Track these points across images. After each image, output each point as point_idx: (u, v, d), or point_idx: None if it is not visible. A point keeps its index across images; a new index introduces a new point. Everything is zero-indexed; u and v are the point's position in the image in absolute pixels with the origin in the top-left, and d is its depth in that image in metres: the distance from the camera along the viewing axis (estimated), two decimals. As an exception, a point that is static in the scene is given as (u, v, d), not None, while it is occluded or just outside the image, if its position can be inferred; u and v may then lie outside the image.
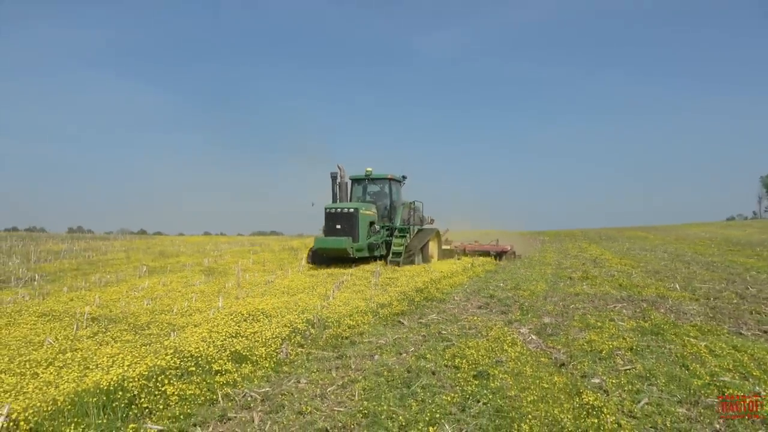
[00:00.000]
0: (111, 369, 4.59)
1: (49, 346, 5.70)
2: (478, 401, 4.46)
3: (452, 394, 4.60)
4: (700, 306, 8.95)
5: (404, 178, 18.30)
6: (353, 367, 5.53)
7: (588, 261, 18.10)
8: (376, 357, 5.91)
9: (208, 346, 5.34)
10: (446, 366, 5.48)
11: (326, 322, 7.00)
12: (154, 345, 5.57)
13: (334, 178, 16.25)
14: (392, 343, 6.55)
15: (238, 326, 6.37)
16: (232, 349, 5.41)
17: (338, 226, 14.76)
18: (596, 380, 5.06)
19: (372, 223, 16.08)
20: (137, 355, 5.06)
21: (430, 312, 8.73)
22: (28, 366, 4.87)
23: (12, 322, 7.08)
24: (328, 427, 3.96)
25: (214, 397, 4.55)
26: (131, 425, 3.82)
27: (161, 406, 4.21)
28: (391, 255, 15.82)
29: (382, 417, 4.09)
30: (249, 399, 4.56)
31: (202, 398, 4.49)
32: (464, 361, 5.51)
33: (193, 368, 4.82)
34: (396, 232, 16.67)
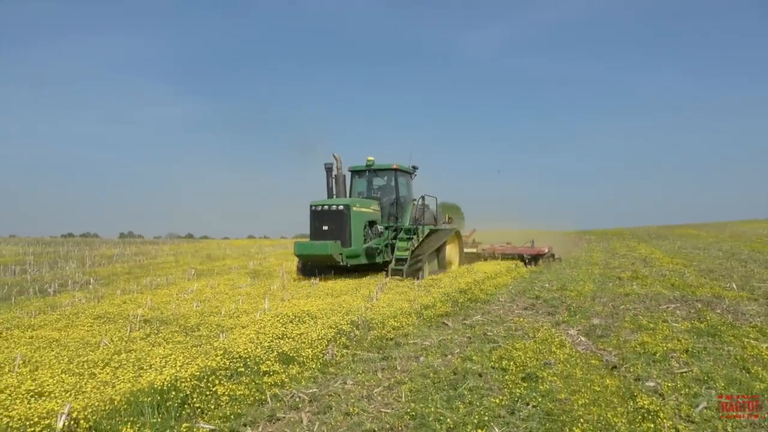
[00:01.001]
0: (164, 369, 4.72)
1: (105, 347, 5.90)
2: (528, 404, 4.38)
3: (500, 397, 4.53)
4: (760, 306, 8.55)
5: (415, 169, 15.65)
6: (399, 368, 5.52)
7: (637, 260, 17.56)
8: (422, 358, 5.88)
9: (256, 348, 5.42)
10: (493, 368, 5.40)
11: (371, 324, 7.02)
12: (204, 346, 5.70)
13: (329, 169, 13.68)
14: (437, 344, 6.51)
15: (285, 328, 6.45)
16: (279, 351, 5.49)
17: (325, 228, 12.34)
18: (651, 383, 4.89)
19: (372, 223, 13.56)
20: (188, 356, 5.19)
21: (475, 313, 8.64)
22: (86, 366, 5.06)
23: (70, 324, 7.38)
24: (376, 429, 3.96)
25: (263, 397, 4.62)
26: (185, 424, 3.92)
27: (212, 406, 4.30)
28: (393, 262, 13.09)
29: (430, 419, 4.06)
30: (297, 400, 4.60)
31: (252, 398, 4.56)
32: (512, 363, 5.42)
33: (242, 369, 4.90)
34: (400, 233, 13.91)
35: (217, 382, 4.55)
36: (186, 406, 4.24)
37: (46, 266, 17.96)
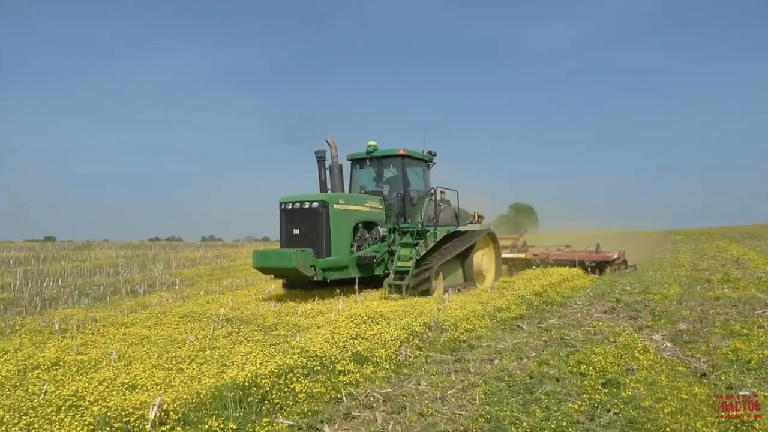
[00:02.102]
0: (245, 366, 4.92)
1: (190, 344, 6.23)
2: (608, 410, 4.22)
3: (579, 402, 4.39)
4: None
5: (432, 155, 12.57)
6: (473, 371, 5.47)
7: (729, 262, 16.43)
8: (496, 361, 5.80)
9: (331, 347, 5.54)
10: (571, 373, 5.24)
11: (443, 326, 6.99)
12: (282, 345, 5.89)
13: (320, 158, 11.26)
14: (512, 347, 6.39)
15: (358, 328, 6.55)
16: (354, 350, 5.58)
17: (296, 232, 9.72)
18: (744, 392, 4.57)
19: (371, 225, 10.97)
20: (267, 354, 5.38)
21: (551, 316, 8.41)
22: (174, 362, 5.36)
23: (159, 323, 7.85)
24: (450, 430, 3.95)
25: (339, 395, 4.71)
26: (265, 419, 4.07)
27: (291, 403, 4.44)
28: (392, 274, 10.08)
29: (505, 422, 4.00)
30: (371, 399, 4.66)
31: (328, 396, 4.67)
32: (591, 368, 5.23)
33: (318, 367, 5.03)
34: (402, 237, 10.92)
35: (294, 379, 4.69)
36: (266, 401, 4.40)
37: (137, 268, 19.17)
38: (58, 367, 5.32)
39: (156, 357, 5.58)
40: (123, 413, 3.78)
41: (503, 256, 14.96)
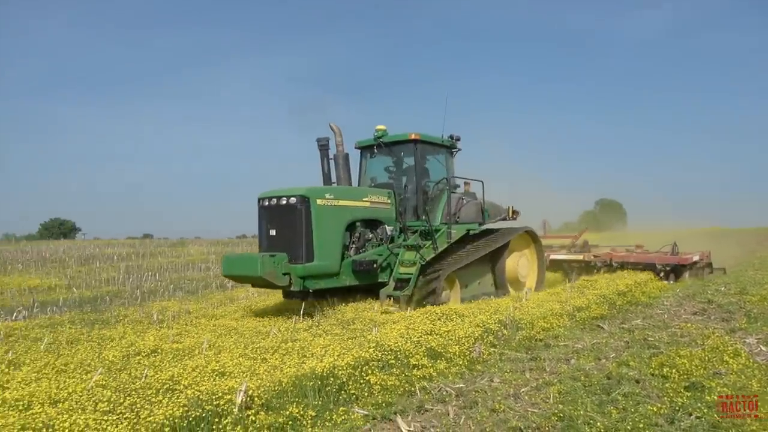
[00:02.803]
0: (324, 358, 5.16)
1: (274, 336, 6.58)
2: (690, 414, 4.07)
3: (659, 405, 4.26)
4: None
5: (455, 140, 10.59)
6: (548, 369, 5.42)
7: (841, 262, 15.01)
8: (572, 361, 5.71)
9: (406, 342, 5.67)
10: (652, 375, 5.07)
11: (519, 324, 6.94)
12: (359, 339, 6.10)
13: (323, 147, 9.80)
14: (590, 347, 6.26)
15: (433, 324, 6.64)
16: (428, 346, 5.68)
17: (273, 232, 8.36)
18: None
19: (375, 224, 9.28)
20: (344, 347, 5.60)
21: (635, 317, 8.13)
22: (258, 352, 5.70)
23: (245, 316, 8.33)
24: (522, 427, 3.96)
25: (412, 389, 4.84)
26: (341, 408, 4.28)
27: (366, 394, 4.63)
28: (391, 283, 8.72)
29: (579, 422, 3.96)
30: (444, 393, 4.75)
31: (401, 389, 4.80)
32: (674, 370, 5.03)
33: (393, 361, 5.18)
34: (406, 237, 9.29)
35: (369, 372, 4.87)
36: (342, 392, 4.60)
37: (226, 264, 20.23)
38: (156, 354, 5.81)
39: (242, 347, 5.95)
40: (213, 397, 4.10)
41: (557, 257, 13.83)
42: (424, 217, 9.22)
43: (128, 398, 4.20)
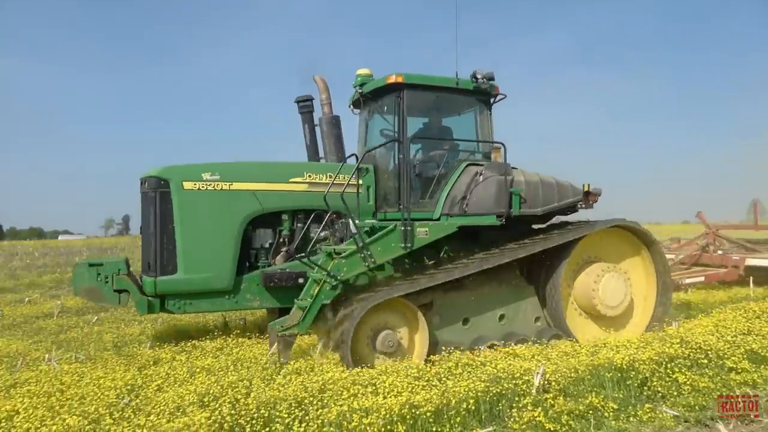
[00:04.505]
0: (619, 350, 4.90)
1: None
2: None
3: None
4: None
5: (481, 80, 6.19)
6: None
7: None
8: None
9: (718, 341, 5.04)
10: None
11: None
12: (658, 332, 5.65)
13: (305, 109, 7.29)
14: None
15: (750, 323, 5.80)
16: (747, 348, 4.95)
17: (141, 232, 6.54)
18: None
19: (320, 217, 6.00)
20: (643, 340, 5.24)
21: None
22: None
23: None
24: None
25: (730, 394, 4.27)
26: (647, 405, 4.01)
27: (674, 393, 4.25)
28: (294, 312, 5.46)
29: None
30: (771, 403, 4.07)
31: (716, 393, 4.28)
32: None
33: (704, 361, 4.65)
34: (351, 238, 5.76)
35: (676, 369, 4.46)
36: (645, 387, 4.31)
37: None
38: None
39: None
40: (510, 375, 4.26)
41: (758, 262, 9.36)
42: (400, 205, 5.93)
43: (432, 368, 4.66)
